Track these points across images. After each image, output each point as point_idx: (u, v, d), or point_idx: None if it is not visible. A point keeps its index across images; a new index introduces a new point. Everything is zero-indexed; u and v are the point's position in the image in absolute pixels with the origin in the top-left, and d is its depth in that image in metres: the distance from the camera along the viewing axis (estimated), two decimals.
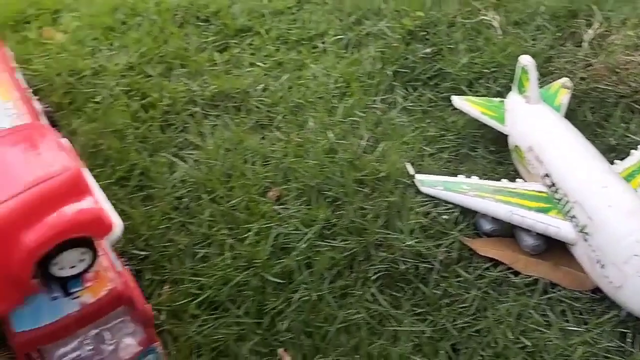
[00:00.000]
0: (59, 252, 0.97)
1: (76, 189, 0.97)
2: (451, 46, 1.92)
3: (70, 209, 0.96)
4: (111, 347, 1.19)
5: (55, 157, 0.98)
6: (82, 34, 1.98)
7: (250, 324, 1.27)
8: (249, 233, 1.43)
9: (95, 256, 1.03)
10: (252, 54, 1.97)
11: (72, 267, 1.02)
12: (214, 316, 1.30)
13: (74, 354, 1.18)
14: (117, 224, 1.02)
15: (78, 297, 1.04)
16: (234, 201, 1.50)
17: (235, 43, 2.01)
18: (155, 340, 1.17)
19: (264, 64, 1.92)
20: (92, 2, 2.15)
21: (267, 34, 2.04)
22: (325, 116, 1.71)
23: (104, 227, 0.99)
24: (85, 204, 0.97)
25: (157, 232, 1.45)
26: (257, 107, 1.78)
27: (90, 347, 1.20)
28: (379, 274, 1.34)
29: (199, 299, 1.32)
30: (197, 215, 1.49)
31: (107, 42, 1.96)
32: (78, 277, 1.05)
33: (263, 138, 1.69)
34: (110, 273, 1.08)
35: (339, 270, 1.36)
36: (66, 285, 1.04)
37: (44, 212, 0.95)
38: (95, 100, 1.76)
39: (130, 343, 1.20)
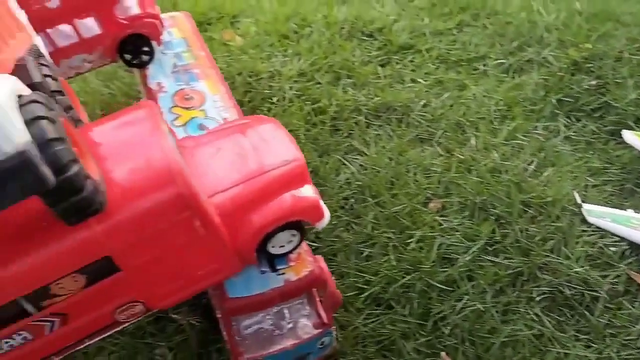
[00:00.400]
0: (277, 232, 1.10)
1: (300, 178, 1.10)
2: (618, 80, 1.91)
3: (294, 196, 1.08)
4: (290, 325, 1.32)
5: (286, 148, 1.12)
6: (260, 39, 2.16)
7: (415, 324, 1.35)
8: (412, 239, 1.51)
9: (302, 239, 1.15)
10: (413, 70, 2.06)
11: (281, 246, 1.15)
12: (378, 311, 1.39)
13: (256, 326, 1.32)
14: (326, 213, 1.13)
15: (283, 274, 1.17)
16: (397, 207, 1.59)
17: (397, 59, 2.10)
18: (332, 324, 1.28)
19: (425, 81, 2.01)
20: (266, 10, 2.34)
21: (427, 52, 2.12)
22: (487, 136, 1.76)
23: (319, 214, 1.11)
24: (306, 192, 1.10)
25: (326, 227, 1.54)
26: (418, 122, 1.86)
27: (271, 322, 1.33)
28: (542, 296, 1.37)
29: (364, 294, 1.42)
30: (361, 216, 1.59)
31: (281, 48, 2.12)
32: (284, 256, 1.17)
33: (423, 151, 1.76)
34: (308, 257, 1.20)
35: (502, 286, 1.40)
36: (273, 261, 1.17)
37: (272, 196, 1.08)
38: (272, 101, 1.92)
39: (307, 324, 1.32)
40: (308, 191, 1.09)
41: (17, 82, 0.81)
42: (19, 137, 0.72)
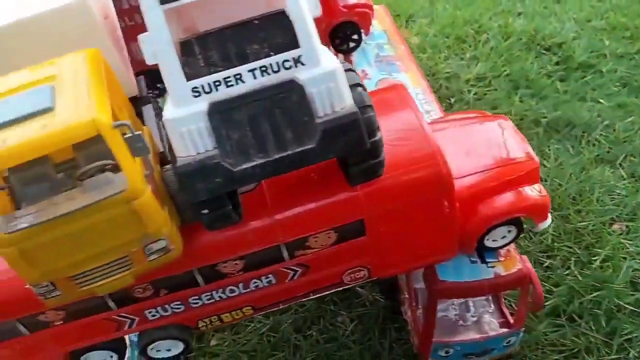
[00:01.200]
0: (498, 225, 1.13)
1: (532, 176, 1.12)
2: None
3: (524, 192, 1.11)
4: (474, 319, 1.34)
5: (519, 146, 1.15)
6: (437, 40, 2.21)
7: (600, 341, 1.34)
8: (597, 257, 1.49)
9: (518, 236, 1.17)
10: (594, 89, 2.02)
11: (494, 240, 1.18)
12: (560, 322, 1.39)
13: (441, 314, 1.35)
14: (549, 215, 1.15)
15: (492, 267, 1.19)
16: (581, 224, 1.57)
17: (577, 76, 2.07)
18: (522, 326, 1.29)
19: (607, 102, 1.97)
20: (441, 13, 2.38)
21: (608, 74, 2.08)
22: None
23: (544, 215, 1.13)
24: (535, 191, 1.12)
25: None
26: (599, 141, 1.83)
27: (455, 313, 1.37)
28: None
29: (546, 303, 1.42)
30: None
31: (459, 51, 2.16)
32: (494, 250, 1.20)
33: (605, 172, 1.73)
34: (517, 255, 1.22)
35: None
36: (483, 253, 1.21)
37: (503, 189, 1.11)
38: (449, 101, 1.96)
39: (492, 320, 1.34)
40: (538, 190, 1.12)
41: None
42: (348, 99, 0.80)
